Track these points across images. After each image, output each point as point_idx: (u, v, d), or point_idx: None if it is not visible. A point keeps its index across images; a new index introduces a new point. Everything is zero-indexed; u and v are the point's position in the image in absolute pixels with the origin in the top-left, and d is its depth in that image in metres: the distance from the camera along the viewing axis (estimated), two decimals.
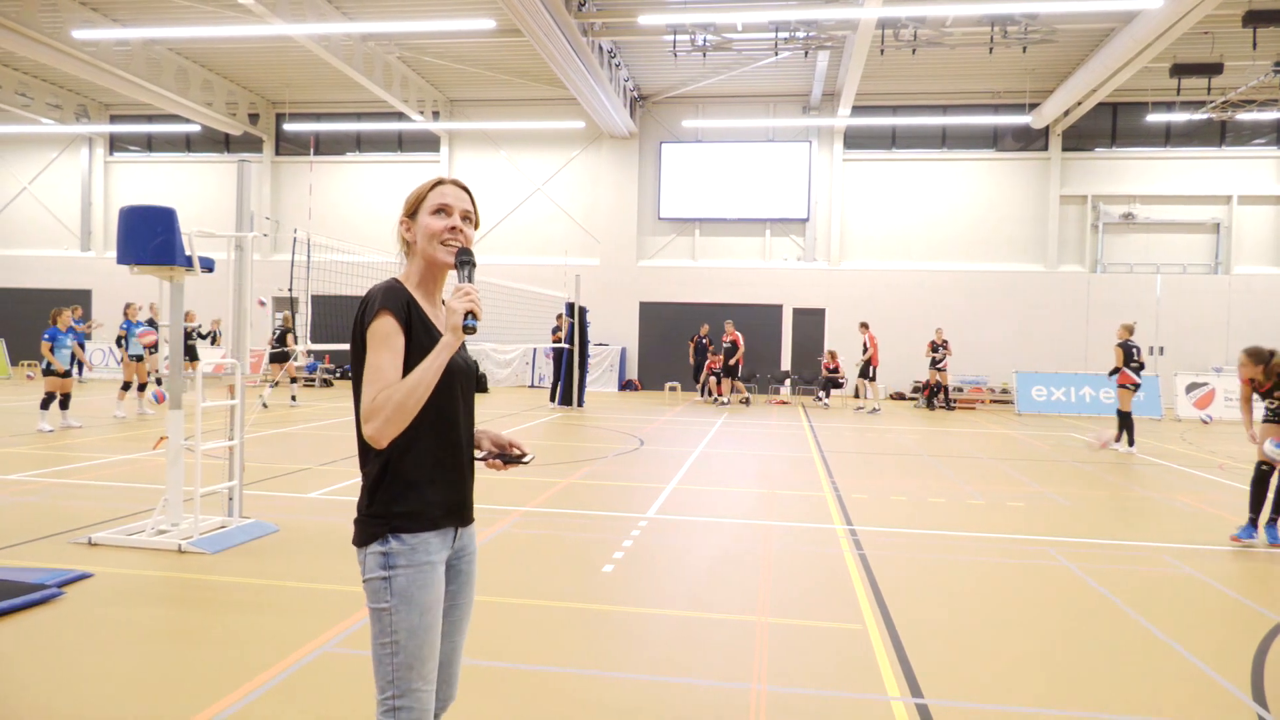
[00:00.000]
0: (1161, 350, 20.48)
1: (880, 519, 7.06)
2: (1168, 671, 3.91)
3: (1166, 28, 14.44)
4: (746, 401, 19.15)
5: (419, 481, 2.02)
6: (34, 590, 4.45)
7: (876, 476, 9.31)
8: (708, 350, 19.76)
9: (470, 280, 2.03)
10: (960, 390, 20.01)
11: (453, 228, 2.07)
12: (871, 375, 18.24)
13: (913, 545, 6.20)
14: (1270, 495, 6.37)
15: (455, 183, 2.14)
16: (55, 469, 8.47)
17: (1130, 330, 12.52)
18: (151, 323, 13.97)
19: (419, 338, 1.98)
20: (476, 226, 2.20)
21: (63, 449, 9.85)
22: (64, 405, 11.74)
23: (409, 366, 1.95)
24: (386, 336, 1.94)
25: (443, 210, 2.09)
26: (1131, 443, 11.91)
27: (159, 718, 3.18)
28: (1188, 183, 20.93)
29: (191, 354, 15.32)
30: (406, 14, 16.91)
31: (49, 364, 11.55)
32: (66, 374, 11.70)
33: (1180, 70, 17.25)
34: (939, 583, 5.29)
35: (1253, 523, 6.43)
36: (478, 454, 2.17)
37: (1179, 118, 20.23)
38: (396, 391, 1.89)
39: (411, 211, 2.13)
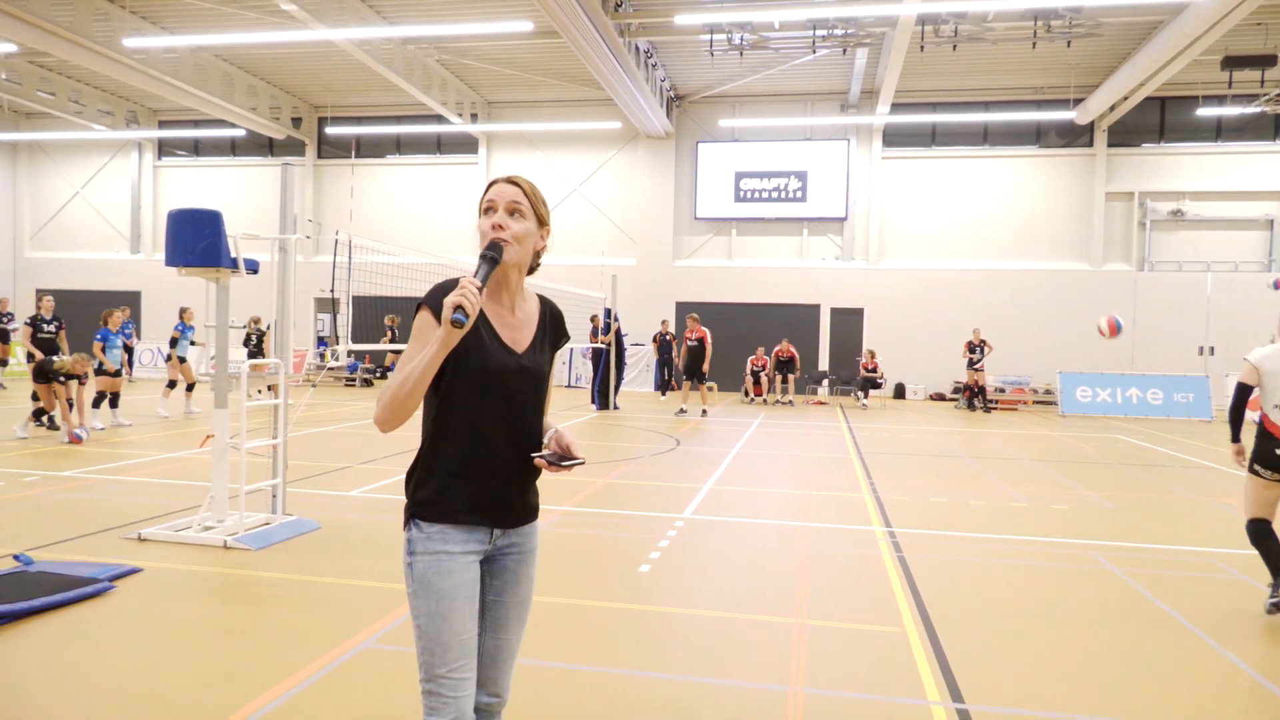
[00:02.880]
0: (1212, 350, 19.97)
1: (920, 521, 6.98)
2: (1218, 680, 3.81)
3: (1218, 19, 14.05)
4: (688, 410, 15.91)
5: (444, 475, 2.06)
6: (87, 584, 4.57)
7: (916, 478, 9.19)
8: (671, 346, 18.39)
9: (483, 277, 2.00)
10: (1002, 391, 19.69)
11: (495, 224, 2.08)
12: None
13: (953, 548, 6.12)
14: None
15: (509, 179, 2.14)
16: (106, 466, 8.69)
17: None
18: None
19: (469, 334, 2.00)
20: (541, 220, 2.14)
21: (113, 446, 10.12)
22: (114, 404, 12.07)
23: (458, 362, 2.01)
24: (418, 330, 2.01)
25: (489, 208, 2.11)
26: None
27: (205, 710, 3.25)
28: (1240, 178, 20.37)
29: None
30: (446, 17, 17.09)
31: (100, 364, 11.87)
32: (117, 373, 12.02)
33: (1232, 63, 16.78)
34: (980, 586, 5.21)
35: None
36: (538, 454, 2.09)
37: (1230, 111, 19.71)
38: (395, 381, 1.96)
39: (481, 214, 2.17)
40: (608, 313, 17.36)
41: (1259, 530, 4.74)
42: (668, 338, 18.67)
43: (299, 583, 4.92)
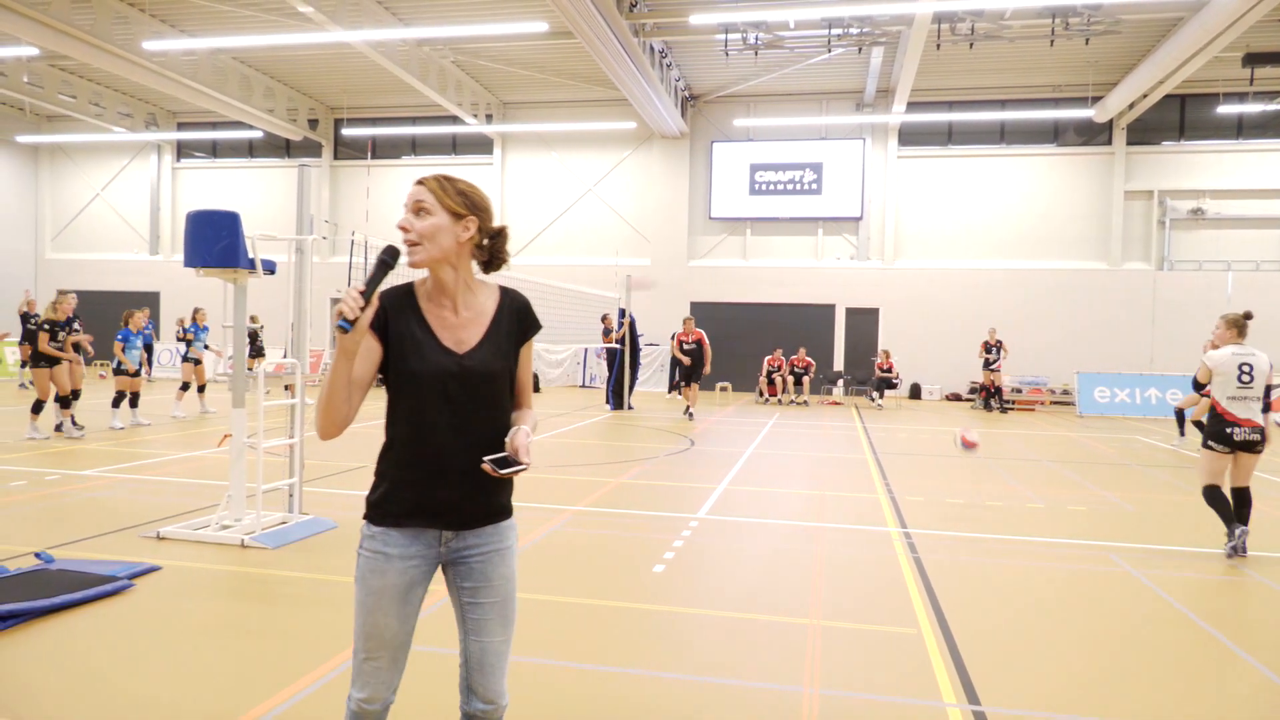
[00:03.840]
0: None
1: (935, 522, 6.94)
2: (1239, 683, 3.77)
3: (1239, 16, 13.88)
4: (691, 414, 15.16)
5: (388, 478, 2.10)
6: (107, 582, 4.62)
7: (932, 479, 9.15)
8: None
9: (375, 281, 1.97)
10: (1019, 391, 19.56)
11: (399, 227, 2.07)
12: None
13: (969, 549, 6.08)
14: None
15: (418, 180, 2.09)
16: (125, 465, 8.78)
17: None
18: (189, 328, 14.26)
19: (405, 338, 2.05)
20: (455, 212, 2.05)
21: (132, 446, 10.22)
22: (134, 404, 12.18)
23: (395, 368, 2.06)
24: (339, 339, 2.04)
25: (405, 209, 2.10)
26: None
27: (223, 707, 3.28)
28: (1262, 176, 20.11)
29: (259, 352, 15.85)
30: (461, 18, 17.16)
31: (120, 363, 11.99)
32: (137, 373, 12.13)
33: (1254, 59, 16.60)
34: (996, 587, 5.18)
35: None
36: (486, 459, 2.02)
37: (1252, 109, 19.49)
38: (321, 391, 2.01)
39: None
40: (621, 313, 17.37)
41: (1213, 493, 6.01)
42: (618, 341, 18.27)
43: (315, 581, 4.95)
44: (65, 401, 10.98)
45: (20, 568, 4.86)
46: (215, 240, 5.67)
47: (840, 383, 21.37)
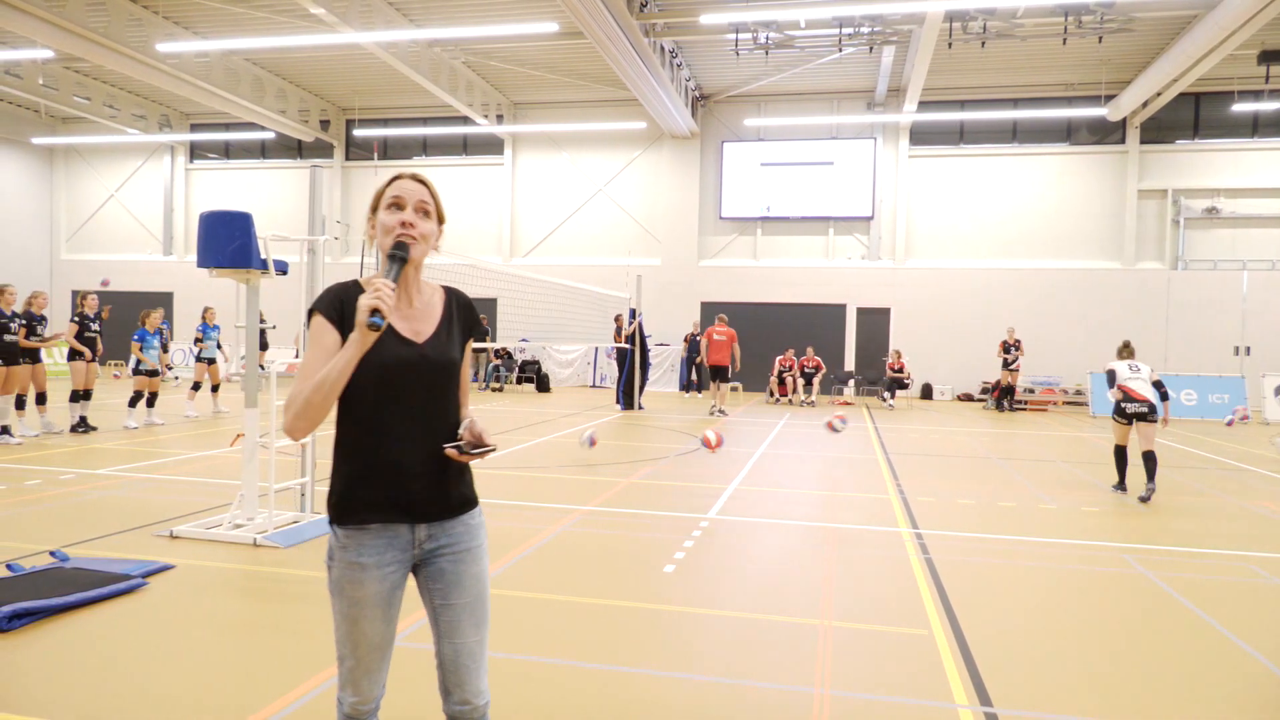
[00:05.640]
0: (1248, 350, 19.60)
1: (947, 523, 6.91)
2: (1253, 686, 3.74)
3: (1254, 13, 13.77)
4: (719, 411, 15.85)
5: (350, 476, 2.06)
6: (121, 580, 4.65)
7: (943, 479, 9.11)
8: (699, 346, 18.06)
9: (394, 277, 2.00)
10: (1031, 391, 19.46)
11: (403, 221, 2.07)
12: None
13: (981, 550, 6.05)
14: None
15: (413, 176, 2.13)
16: (140, 464, 8.84)
17: None
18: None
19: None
20: (442, 220, 2.18)
21: (147, 445, 10.29)
22: (150, 403, 12.26)
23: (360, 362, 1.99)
24: (316, 335, 2.01)
25: (396, 204, 2.09)
26: None
27: (237, 704, 3.30)
28: (1277, 174, 19.94)
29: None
30: (472, 19, 17.20)
31: (139, 363, 12.06)
32: (154, 373, 12.21)
33: (1269, 57, 16.46)
34: (1009, 589, 5.16)
35: None
36: (449, 445, 2.06)
37: (1267, 107, 19.32)
38: (306, 387, 1.92)
39: (374, 208, 2.14)
40: (632, 313, 17.38)
41: (1120, 451, 8.48)
42: (698, 338, 18.70)
43: (326, 580, 4.96)
44: (41, 398, 10.81)
45: (36, 566, 4.91)
46: (228, 241, 5.71)
47: (851, 383, 21.31)
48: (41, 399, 10.86)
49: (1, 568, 4.87)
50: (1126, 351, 8.73)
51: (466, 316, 2.23)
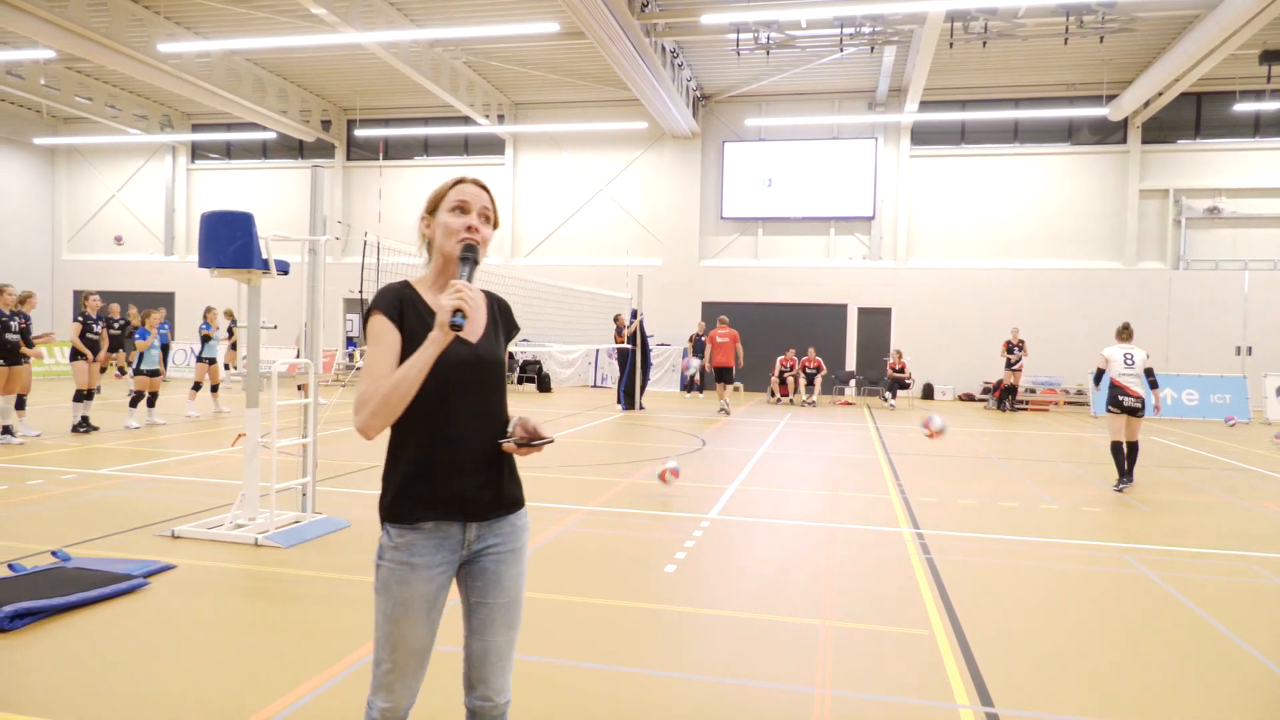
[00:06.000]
0: (1250, 350, 19.57)
1: (949, 523, 6.91)
2: (1255, 687, 3.73)
3: (1256, 13, 13.76)
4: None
5: (408, 476, 2.07)
6: (123, 580, 4.65)
7: (944, 479, 9.11)
8: (705, 346, 17.90)
9: (469, 278, 2.05)
10: (1033, 391, 19.45)
11: (469, 226, 2.11)
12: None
13: (982, 550, 6.05)
14: None
15: (475, 181, 2.18)
16: (141, 464, 8.85)
17: None
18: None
19: (418, 332, 2.03)
20: (496, 226, 2.22)
21: (149, 445, 10.30)
22: (151, 403, 12.27)
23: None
24: (378, 334, 2.02)
25: (460, 208, 2.13)
26: None
27: (238, 704, 3.30)
28: (1279, 174, 19.92)
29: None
30: (473, 19, 17.21)
31: (139, 363, 12.07)
32: (155, 373, 12.22)
33: (1271, 57, 16.45)
34: (1010, 589, 5.15)
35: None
36: (504, 439, 2.09)
37: (1269, 107, 19.30)
38: (383, 385, 1.95)
39: (432, 209, 2.18)
40: (634, 313, 17.37)
41: (1116, 446, 8.65)
42: (702, 339, 18.85)
43: (328, 580, 4.97)
44: (20, 402, 10.47)
45: (37, 566, 4.91)
46: (229, 241, 5.71)
47: (853, 383, 21.30)
48: (20, 403, 10.56)
49: (3, 567, 4.88)
50: (1125, 334, 8.84)
51: (506, 319, 2.29)
